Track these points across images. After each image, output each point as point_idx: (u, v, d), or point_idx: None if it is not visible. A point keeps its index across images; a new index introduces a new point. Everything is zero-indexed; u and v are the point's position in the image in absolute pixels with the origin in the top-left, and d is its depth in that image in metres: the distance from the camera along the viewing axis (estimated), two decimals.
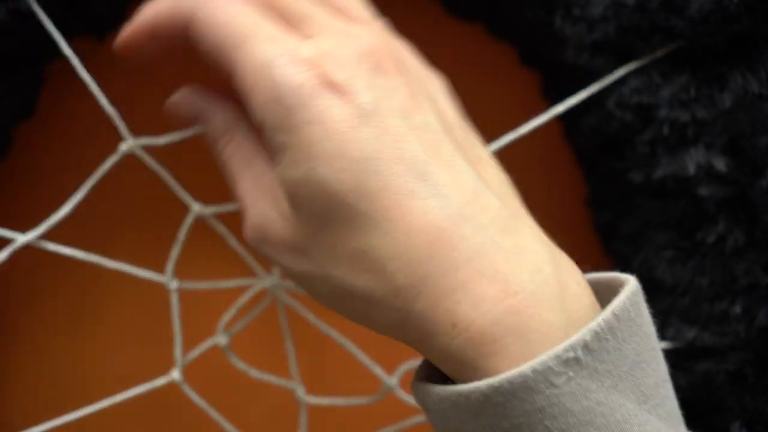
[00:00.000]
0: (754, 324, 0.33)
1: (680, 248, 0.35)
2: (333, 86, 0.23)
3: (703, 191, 0.34)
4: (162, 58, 0.29)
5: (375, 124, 0.23)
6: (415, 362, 0.36)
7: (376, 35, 0.25)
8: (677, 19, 0.33)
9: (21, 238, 0.33)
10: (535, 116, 0.35)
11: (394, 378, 0.36)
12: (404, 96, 0.24)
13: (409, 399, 0.36)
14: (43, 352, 0.36)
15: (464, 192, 0.23)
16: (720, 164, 0.33)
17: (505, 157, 0.36)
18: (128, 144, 0.34)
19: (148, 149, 0.34)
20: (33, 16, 0.34)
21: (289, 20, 0.26)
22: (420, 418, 0.38)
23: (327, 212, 0.23)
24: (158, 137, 0.33)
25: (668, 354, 0.35)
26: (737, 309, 0.34)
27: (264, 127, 0.25)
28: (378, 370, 0.36)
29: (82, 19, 0.38)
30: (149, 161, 0.34)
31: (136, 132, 0.34)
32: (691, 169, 0.34)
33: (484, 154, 0.27)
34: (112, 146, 0.34)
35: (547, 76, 0.40)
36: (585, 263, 0.43)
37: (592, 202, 0.41)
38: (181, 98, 0.29)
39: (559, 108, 0.35)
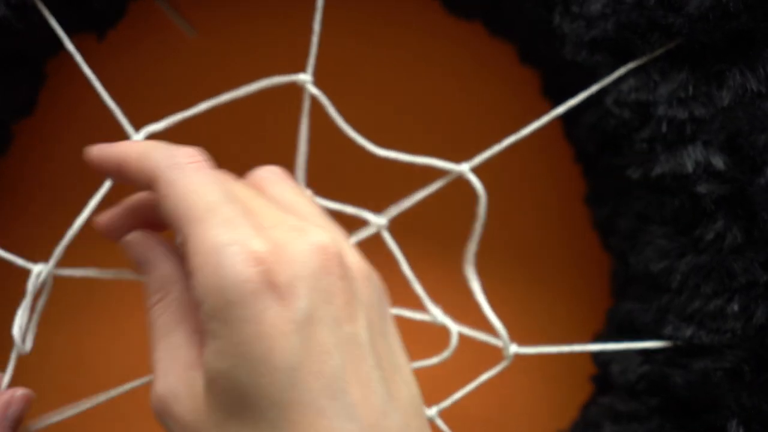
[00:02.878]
0: (752, 322, 0.33)
1: (678, 245, 0.35)
2: (275, 288, 0.24)
3: (702, 189, 0.34)
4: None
5: (305, 333, 0.24)
6: (455, 396, 0.36)
7: (327, 233, 0.26)
8: (676, 17, 0.33)
9: (36, 269, 0.33)
10: (535, 115, 0.35)
11: (434, 409, 0.37)
12: (341, 302, 0.25)
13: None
14: (44, 351, 0.36)
15: (371, 414, 0.24)
16: (718, 162, 0.33)
17: (505, 156, 0.36)
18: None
19: None
20: (35, 12, 0.34)
21: (247, 210, 0.26)
22: None
23: (237, 409, 0.24)
24: (158, 122, 0.33)
25: (665, 352, 0.35)
26: (735, 307, 0.34)
27: (201, 307, 0.25)
28: None
29: (82, 17, 0.38)
30: None
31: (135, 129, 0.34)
32: (690, 166, 0.34)
33: (402, 361, 0.27)
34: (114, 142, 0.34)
35: (547, 75, 0.40)
36: (584, 260, 0.43)
37: (590, 198, 0.41)
38: (133, 241, 0.30)
39: (559, 110, 0.35)
